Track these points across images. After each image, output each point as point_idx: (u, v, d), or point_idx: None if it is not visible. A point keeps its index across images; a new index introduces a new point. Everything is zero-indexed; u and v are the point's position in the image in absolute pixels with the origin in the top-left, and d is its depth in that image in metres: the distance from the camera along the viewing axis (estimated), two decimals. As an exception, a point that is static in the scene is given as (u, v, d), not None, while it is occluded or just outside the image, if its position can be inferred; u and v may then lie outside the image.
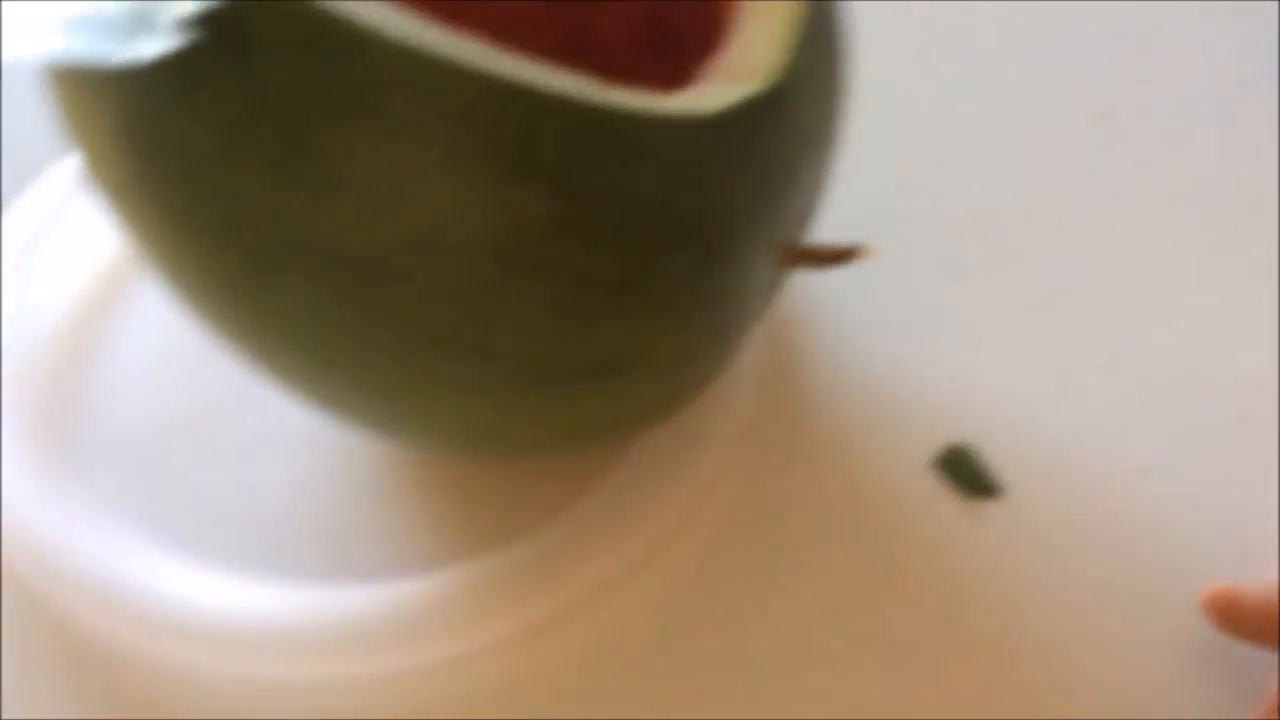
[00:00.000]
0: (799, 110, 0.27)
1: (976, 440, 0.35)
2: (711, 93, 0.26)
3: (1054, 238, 0.39)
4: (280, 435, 0.34)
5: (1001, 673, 0.32)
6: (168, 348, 0.36)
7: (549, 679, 0.32)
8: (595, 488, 0.33)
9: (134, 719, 0.31)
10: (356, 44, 0.23)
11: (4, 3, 0.20)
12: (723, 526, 0.34)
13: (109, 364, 0.36)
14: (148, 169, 0.24)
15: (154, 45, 0.19)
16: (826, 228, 0.35)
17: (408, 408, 0.27)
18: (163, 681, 0.31)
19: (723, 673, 0.32)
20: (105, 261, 0.37)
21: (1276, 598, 0.30)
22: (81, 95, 0.25)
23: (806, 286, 0.38)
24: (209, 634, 0.30)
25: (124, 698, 0.31)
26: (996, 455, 0.35)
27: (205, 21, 0.22)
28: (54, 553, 0.31)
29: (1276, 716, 0.29)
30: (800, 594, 0.33)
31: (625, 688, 0.32)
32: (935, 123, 0.42)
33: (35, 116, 0.33)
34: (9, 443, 0.33)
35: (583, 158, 0.24)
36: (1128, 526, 0.34)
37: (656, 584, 0.33)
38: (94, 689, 0.31)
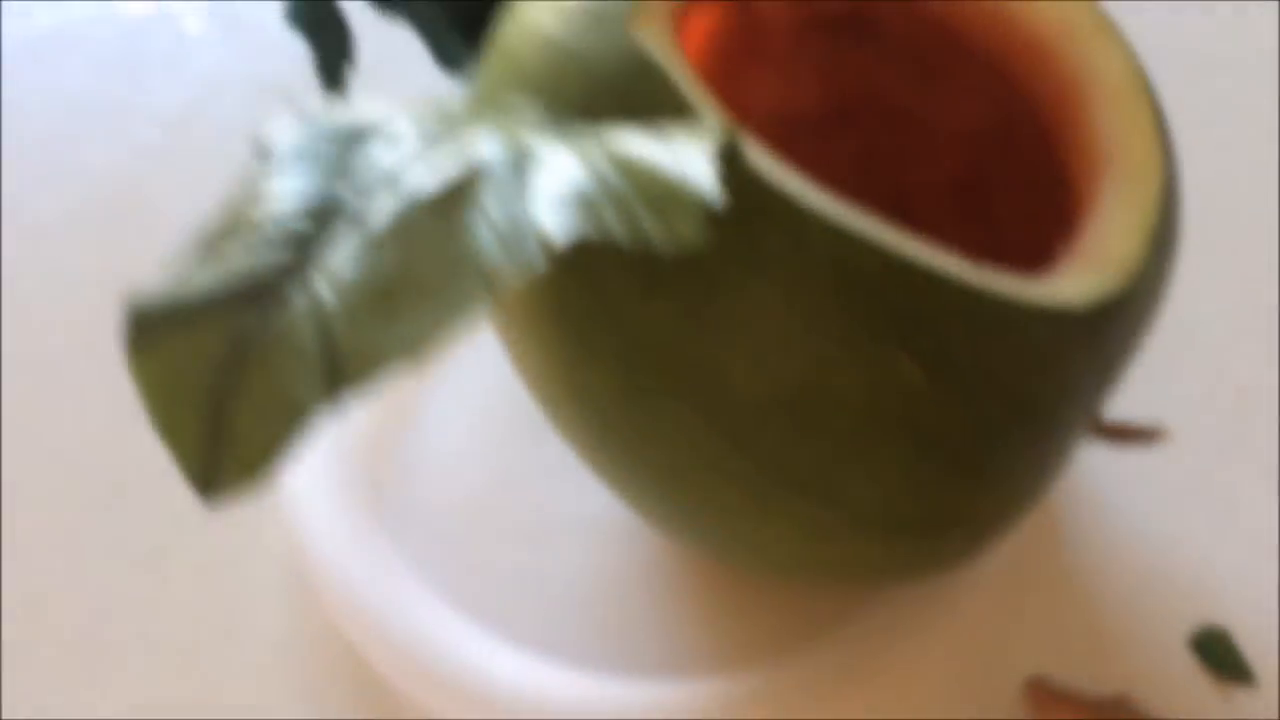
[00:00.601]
0: (1147, 299, 0.29)
1: (1232, 622, 0.36)
2: (1075, 283, 0.27)
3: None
4: (583, 520, 0.37)
5: None
6: (485, 419, 0.38)
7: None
8: (860, 619, 0.34)
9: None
10: (766, 206, 0.25)
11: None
12: (973, 677, 0.35)
13: (428, 427, 0.39)
14: (556, 286, 0.27)
15: (686, 232, 0.20)
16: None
17: (734, 529, 0.29)
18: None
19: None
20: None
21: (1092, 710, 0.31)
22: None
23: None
24: (499, 706, 0.32)
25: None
26: (1252, 640, 0.36)
27: (718, 219, 0.24)
28: (362, 605, 0.33)
29: None
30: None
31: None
32: (1208, 302, 0.42)
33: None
34: (328, 492, 0.35)
35: (958, 334, 0.26)
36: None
37: None
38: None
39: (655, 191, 0.21)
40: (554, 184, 0.21)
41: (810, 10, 0.34)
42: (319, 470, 0.36)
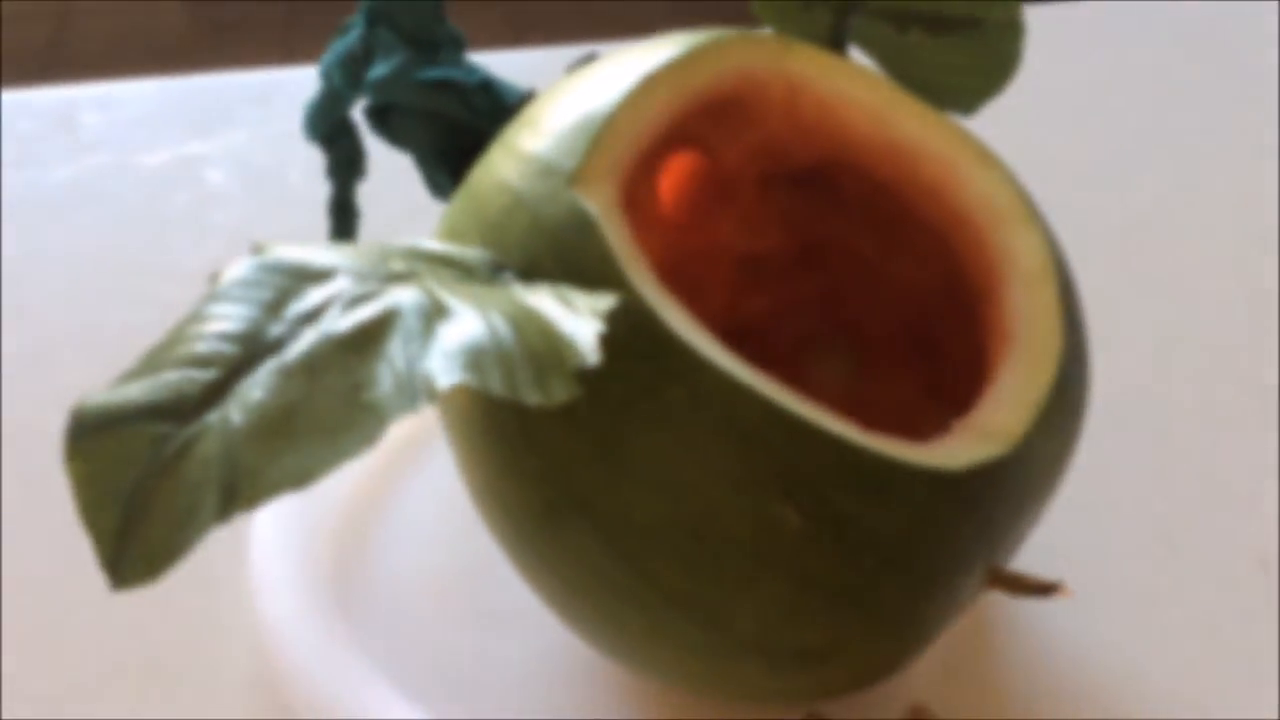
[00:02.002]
0: (1032, 467, 0.31)
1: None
2: (956, 449, 0.30)
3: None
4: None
5: None
6: (449, 508, 0.41)
7: None
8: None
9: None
10: (669, 358, 0.28)
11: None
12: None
13: (392, 521, 0.42)
14: (491, 406, 0.30)
15: (555, 393, 0.23)
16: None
17: (643, 647, 0.31)
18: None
19: None
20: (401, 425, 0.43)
21: None
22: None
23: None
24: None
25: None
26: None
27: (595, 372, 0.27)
28: (330, 702, 0.35)
29: None
30: None
31: None
32: (1139, 456, 0.44)
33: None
34: (294, 589, 0.38)
35: (837, 489, 0.28)
36: None
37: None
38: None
39: (539, 350, 0.24)
40: (452, 336, 0.24)
41: (773, 166, 0.37)
42: (285, 561, 0.38)
